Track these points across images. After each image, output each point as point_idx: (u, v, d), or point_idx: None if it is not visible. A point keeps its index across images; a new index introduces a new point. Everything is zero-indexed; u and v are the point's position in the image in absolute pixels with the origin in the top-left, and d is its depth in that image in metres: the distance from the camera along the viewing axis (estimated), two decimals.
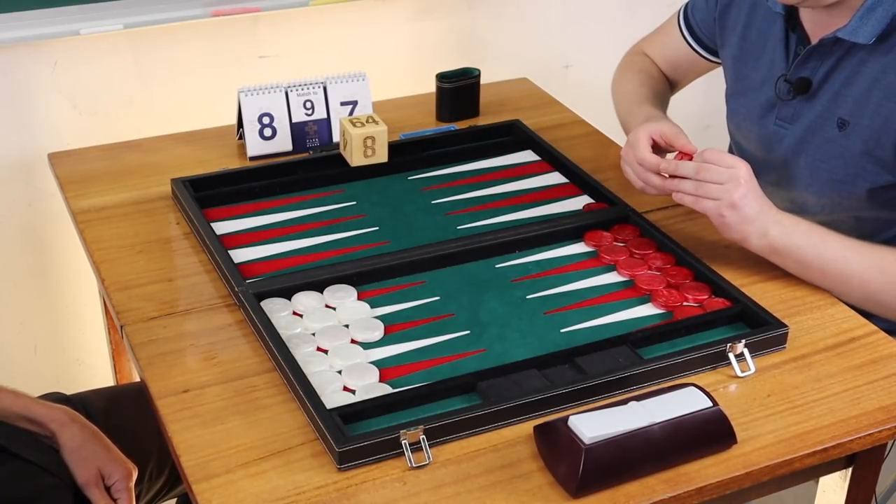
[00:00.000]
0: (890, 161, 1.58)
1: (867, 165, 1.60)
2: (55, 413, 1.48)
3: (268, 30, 2.27)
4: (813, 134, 1.65)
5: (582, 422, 1.22)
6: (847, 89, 1.60)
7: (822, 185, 1.66)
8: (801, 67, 1.64)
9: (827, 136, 1.63)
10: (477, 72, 2.03)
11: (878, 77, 1.57)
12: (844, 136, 1.61)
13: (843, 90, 1.61)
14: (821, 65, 1.62)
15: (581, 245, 1.65)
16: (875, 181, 1.60)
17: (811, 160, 1.66)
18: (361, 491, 1.21)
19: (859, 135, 1.59)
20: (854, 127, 1.60)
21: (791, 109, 1.67)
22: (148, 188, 1.79)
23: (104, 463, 1.44)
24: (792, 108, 1.67)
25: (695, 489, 1.22)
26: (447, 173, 1.85)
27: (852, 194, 1.63)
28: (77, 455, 1.44)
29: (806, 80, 1.64)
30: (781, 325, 1.43)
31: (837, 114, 1.61)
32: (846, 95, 1.60)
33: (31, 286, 2.28)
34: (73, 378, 2.38)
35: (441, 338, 1.45)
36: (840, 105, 1.61)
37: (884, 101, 1.56)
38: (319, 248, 1.63)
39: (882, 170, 1.59)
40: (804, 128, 1.66)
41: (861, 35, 1.56)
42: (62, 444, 1.45)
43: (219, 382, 1.36)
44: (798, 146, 1.67)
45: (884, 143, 1.57)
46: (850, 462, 1.40)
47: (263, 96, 1.87)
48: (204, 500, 1.19)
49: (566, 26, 2.59)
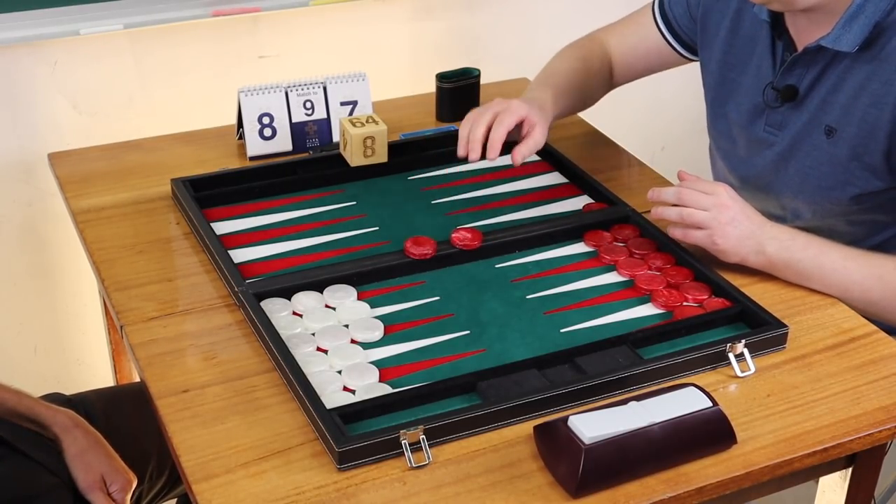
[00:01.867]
0: (879, 166, 1.58)
1: (856, 171, 1.60)
2: (59, 417, 1.48)
3: (268, 30, 2.27)
4: (801, 141, 1.65)
5: (582, 422, 1.22)
6: (833, 96, 1.60)
7: (811, 191, 1.66)
8: (788, 75, 1.64)
9: (815, 142, 1.63)
10: (477, 72, 2.03)
11: (864, 84, 1.56)
12: (832, 144, 1.61)
13: (829, 97, 1.61)
14: (807, 72, 1.62)
15: (581, 245, 1.65)
16: (864, 187, 1.61)
17: (800, 167, 1.66)
18: (361, 491, 1.21)
19: (847, 141, 1.59)
20: (841, 134, 1.60)
21: (779, 116, 1.67)
22: (148, 188, 1.79)
23: (107, 471, 1.45)
24: (780, 115, 1.67)
25: (695, 489, 1.22)
26: (447, 173, 1.85)
27: (842, 200, 1.63)
28: (80, 460, 1.44)
29: (793, 88, 1.64)
30: (781, 325, 1.43)
31: (825, 121, 1.61)
32: (833, 103, 1.60)
33: (31, 286, 2.28)
34: (73, 378, 2.38)
35: (441, 338, 1.45)
36: (827, 112, 1.61)
37: (870, 109, 1.56)
38: (319, 248, 1.63)
39: (871, 175, 1.59)
40: (792, 135, 1.66)
41: (844, 43, 1.55)
42: (65, 447, 1.46)
43: (219, 382, 1.36)
44: (787, 153, 1.67)
45: (872, 149, 1.57)
46: (850, 462, 1.40)
47: (263, 96, 1.87)
48: (204, 500, 1.19)
49: (566, 26, 2.58)
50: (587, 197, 1.77)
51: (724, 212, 1.52)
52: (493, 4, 2.49)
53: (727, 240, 1.52)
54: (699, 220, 1.53)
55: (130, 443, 1.55)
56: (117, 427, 1.54)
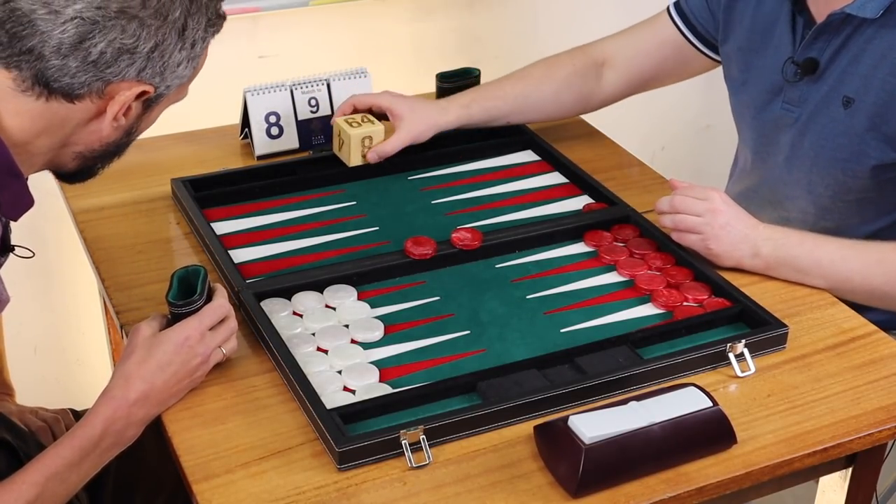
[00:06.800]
0: (895, 137, 1.59)
1: (872, 142, 1.61)
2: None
3: (268, 30, 2.27)
4: (818, 114, 1.66)
5: (582, 422, 1.22)
6: (854, 66, 1.61)
7: (826, 164, 1.66)
8: (809, 48, 1.65)
9: (832, 115, 1.64)
10: (477, 72, 2.03)
11: (886, 53, 1.58)
12: (849, 115, 1.62)
13: (849, 68, 1.62)
14: (828, 44, 1.63)
15: (581, 245, 1.65)
16: (880, 158, 1.61)
17: (816, 139, 1.67)
18: (361, 491, 1.21)
19: (864, 111, 1.60)
20: (859, 104, 1.61)
21: (798, 92, 1.68)
22: (148, 188, 1.79)
23: None
24: (799, 90, 1.68)
25: (695, 489, 1.22)
26: (447, 173, 1.85)
27: (857, 173, 1.64)
28: None
29: (813, 61, 1.65)
30: (781, 325, 1.43)
31: (843, 92, 1.62)
32: (853, 73, 1.61)
33: (31, 286, 2.28)
34: (74, 378, 2.38)
35: (441, 338, 1.45)
36: (846, 83, 1.62)
37: (889, 77, 1.57)
38: (319, 248, 1.63)
39: (887, 146, 1.60)
40: (810, 109, 1.67)
41: (868, 9, 1.57)
42: None
43: (219, 382, 1.36)
44: (804, 127, 1.68)
45: (889, 118, 1.58)
46: (850, 462, 1.40)
47: (269, 95, 1.87)
48: (204, 500, 1.19)
49: (566, 26, 2.58)
50: (587, 197, 1.77)
51: (718, 217, 1.52)
52: (493, 4, 2.49)
53: (721, 244, 1.53)
54: (692, 225, 1.54)
55: (144, 472, 1.54)
56: (129, 454, 1.48)
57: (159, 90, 1.26)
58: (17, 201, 1.26)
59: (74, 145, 1.28)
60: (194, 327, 1.31)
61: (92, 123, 1.25)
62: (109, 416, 1.24)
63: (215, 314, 1.33)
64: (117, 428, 1.25)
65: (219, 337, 1.33)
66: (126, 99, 1.23)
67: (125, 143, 1.32)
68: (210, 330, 1.33)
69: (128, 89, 1.22)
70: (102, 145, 1.29)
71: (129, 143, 1.33)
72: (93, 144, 1.28)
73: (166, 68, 1.24)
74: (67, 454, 1.23)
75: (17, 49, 1.17)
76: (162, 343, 1.29)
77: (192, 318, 1.32)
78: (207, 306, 1.33)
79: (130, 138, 1.32)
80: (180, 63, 1.25)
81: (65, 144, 1.27)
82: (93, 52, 1.18)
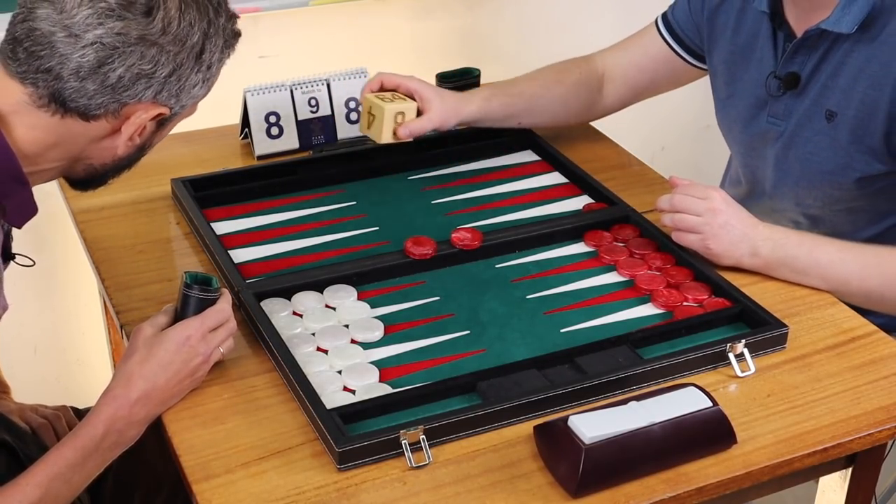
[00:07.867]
0: (879, 149, 1.60)
1: (856, 154, 1.62)
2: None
3: (268, 30, 2.27)
4: (803, 127, 1.67)
5: (582, 422, 1.22)
6: (834, 80, 1.62)
7: (813, 176, 1.67)
8: (790, 62, 1.66)
9: (816, 128, 1.65)
10: (477, 72, 2.03)
11: (863, 66, 1.59)
12: (833, 128, 1.63)
13: (830, 82, 1.63)
14: (808, 59, 1.64)
15: (581, 245, 1.65)
16: (865, 170, 1.62)
17: (801, 153, 1.68)
18: (361, 491, 1.21)
19: (846, 125, 1.61)
20: (842, 117, 1.62)
21: (782, 105, 1.69)
22: (148, 188, 1.79)
23: None
24: (783, 104, 1.69)
25: (695, 489, 1.22)
26: (447, 173, 1.85)
27: (843, 185, 1.65)
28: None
29: (795, 75, 1.66)
30: (781, 325, 1.43)
31: (825, 105, 1.63)
32: (833, 87, 1.62)
33: (32, 286, 2.28)
34: (74, 378, 2.38)
35: (441, 338, 1.45)
36: (828, 97, 1.63)
37: (869, 91, 1.58)
38: (319, 248, 1.63)
39: (872, 158, 1.61)
40: (795, 123, 1.68)
41: (843, 25, 1.57)
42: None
43: (219, 382, 1.36)
44: (789, 141, 1.69)
45: (871, 130, 1.59)
46: (850, 462, 1.39)
47: (269, 95, 1.87)
48: (204, 500, 1.19)
49: (566, 26, 2.58)
50: (587, 197, 1.77)
51: (717, 216, 1.53)
52: (493, 4, 2.49)
53: (720, 243, 1.53)
54: (691, 224, 1.54)
55: (145, 471, 1.54)
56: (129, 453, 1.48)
57: (174, 111, 1.27)
58: (22, 209, 1.27)
59: (87, 159, 1.29)
60: (196, 327, 1.31)
61: (105, 141, 1.26)
62: (111, 415, 1.24)
63: (218, 316, 1.33)
64: (119, 427, 1.25)
65: (219, 337, 1.33)
66: (142, 121, 1.24)
67: (137, 158, 1.34)
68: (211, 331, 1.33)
69: (144, 111, 1.23)
70: (115, 160, 1.30)
71: (140, 157, 1.34)
72: (105, 160, 1.30)
73: (182, 90, 1.25)
74: (70, 455, 1.23)
75: (35, 67, 1.18)
76: (163, 342, 1.29)
77: (194, 318, 1.32)
78: (211, 308, 1.33)
79: (143, 153, 1.34)
80: (196, 84, 1.27)
81: (77, 159, 1.28)
82: (111, 76, 1.18)
